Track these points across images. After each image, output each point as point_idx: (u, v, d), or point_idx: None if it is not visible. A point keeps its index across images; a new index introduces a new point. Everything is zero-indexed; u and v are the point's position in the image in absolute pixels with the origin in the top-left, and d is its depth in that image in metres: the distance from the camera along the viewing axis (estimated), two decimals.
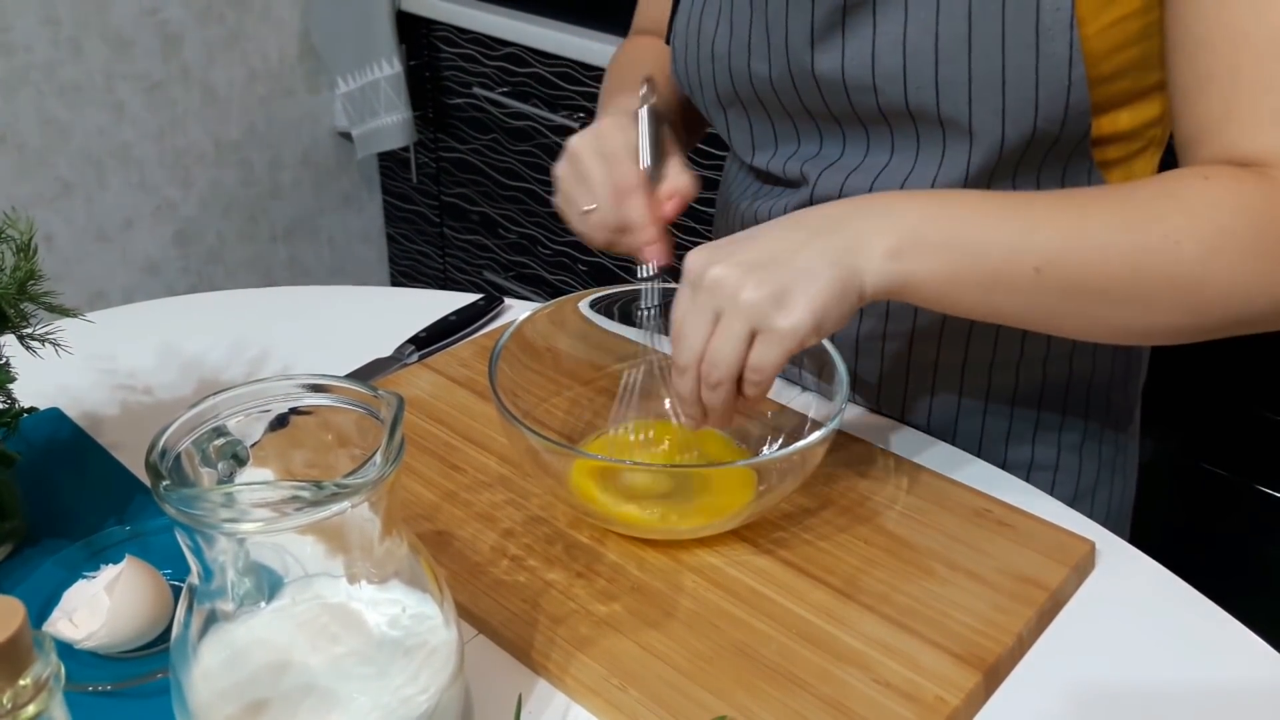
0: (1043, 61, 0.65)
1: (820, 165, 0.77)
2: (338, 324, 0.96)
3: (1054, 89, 0.66)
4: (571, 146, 0.74)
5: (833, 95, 0.73)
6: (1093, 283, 0.60)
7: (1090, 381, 0.82)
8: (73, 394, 0.83)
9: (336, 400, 0.51)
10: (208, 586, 0.47)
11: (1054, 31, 0.65)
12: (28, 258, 0.63)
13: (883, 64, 0.69)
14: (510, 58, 1.87)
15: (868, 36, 0.69)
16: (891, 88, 0.69)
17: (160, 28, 1.93)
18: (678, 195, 0.73)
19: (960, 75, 0.67)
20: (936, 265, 0.60)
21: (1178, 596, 0.66)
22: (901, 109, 0.70)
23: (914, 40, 0.67)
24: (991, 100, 0.67)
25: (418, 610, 0.51)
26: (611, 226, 0.73)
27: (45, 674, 0.38)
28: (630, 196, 0.71)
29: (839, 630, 0.61)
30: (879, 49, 0.69)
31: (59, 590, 0.60)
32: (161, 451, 0.46)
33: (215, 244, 2.15)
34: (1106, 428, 0.84)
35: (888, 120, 0.72)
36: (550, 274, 2.02)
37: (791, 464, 0.65)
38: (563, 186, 0.75)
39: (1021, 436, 0.83)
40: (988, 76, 0.66)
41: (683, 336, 0.62)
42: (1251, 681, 0.60)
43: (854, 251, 0.60)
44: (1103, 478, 0.86)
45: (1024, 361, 0.80)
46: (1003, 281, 0.60)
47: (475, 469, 0.74)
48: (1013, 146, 0.69)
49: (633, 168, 0.72)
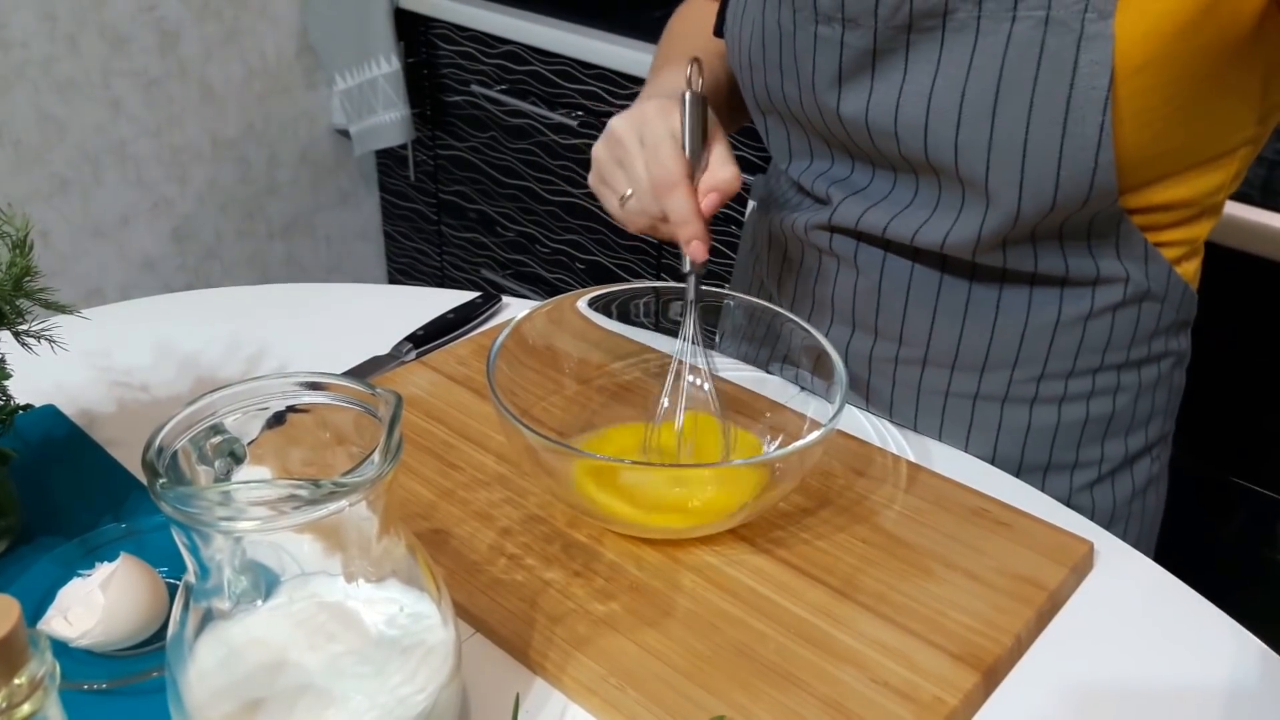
0: (1068, 141, 0.64)
1: (846, 190, 0.77)
2: (335, 321, 0.95)
3: (1078, 170, 0.65)
4: (613, 129, 0.72)
5: (856, 134, 0.72)
6: None
7: (1108, 425, 0.80)
8: (69, 391, 0.83)
9: (334, 398, 0.51)
10: (204, 585, 0.47)
11: (1085, 112, 0.63)
12: (23, 254, 0.63)
13: (905, 115, 0.68)
14: (509, 55, 1.87)
15: (896, 83, 0.68)
16: (912, 139, 0.68)
17: (158, 24, 1.92)
18: (717, 191, 0.69)
19: (980, 140, 0.65)
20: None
21: (1176, 596, 0.66)
22: (921, 160, 0.69)
23: (940, 96, 0.66)
24: (1009, 171, 0.66)
25: (415, 609, 0.51)
26: (652, 215, 0.71)
27: (40, 672, 0.38)
28: (674, 191, 0.68)
29: (837, 630, 0.61)
30: (904, 99, 0.68)
31: (54, 588, 0.60)
32: (158, 449, 0.46)
33: (212, 241, 2.14)
34: (1121, 471, 0.82)
35: (912, 166, 0.71)
36: (548, 272, 2.02)
37: (790, 463, 0.65)
38: (601, 169, 0.73)
39: (1031, 474, 0.81)
40: (1008, 146, 0.65)
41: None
42: (1250, 681, 0.60)
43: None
44: (1116, 519, 0.83)
45: (1038, 401, 0.79)
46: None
47: (473, 467, 0.74)
48: (1029, 216, 0.68)
49: (676, 159, 0.68)
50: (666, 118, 0.70)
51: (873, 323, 0.80)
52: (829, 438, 0.65)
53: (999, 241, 0.71)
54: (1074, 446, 0.80)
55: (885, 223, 0.74)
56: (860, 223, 0.76)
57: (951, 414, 0.81)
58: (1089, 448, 0.81)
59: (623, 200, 0.71)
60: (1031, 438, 0.80)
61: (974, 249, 0.72)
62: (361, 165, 2.32)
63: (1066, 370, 0.78)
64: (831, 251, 0.80)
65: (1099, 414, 0.79)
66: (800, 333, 0.73)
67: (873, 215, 0.75)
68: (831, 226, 0.79)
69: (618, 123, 0.72)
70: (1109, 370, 0.78)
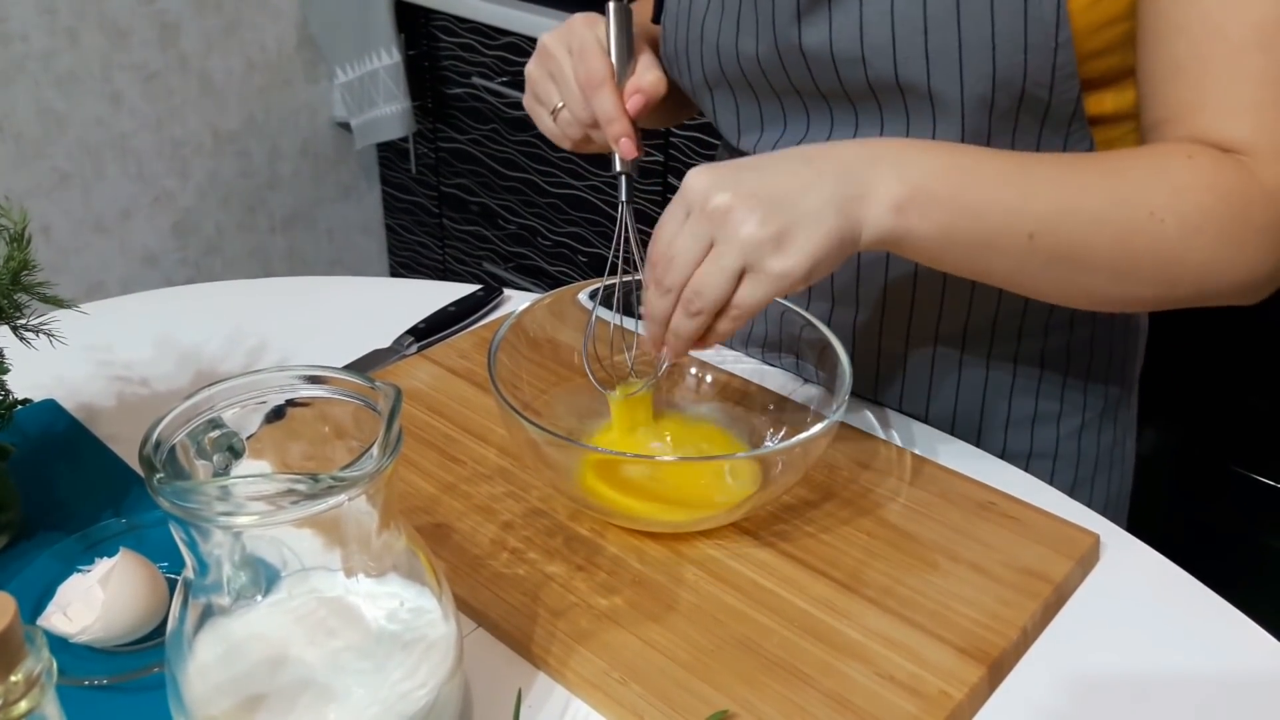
0: (1030, 25, 0.65)
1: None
2: (336, 315, 0.95)
3: (1042, 51, 0.65)
4: (543, 43, 0.74)
5: (820, 70, 0.72)
6: (1080, 252, 0.61)
7: (1088, 367, 0.82)
8: (69, 385, 0.83)
9: (334, 392, 0.51)
10: (203, 580, 0.47)
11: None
12: (21, 248, 0.63)
13: (871, 36, 0.68)
14: (509, 47, 1.86)
15: (854, 9, 0.69)
16: (880, 60, 0.69)
17: (158, 17, 1.92)
18: (641, 92, 0.71)
19: (950, 43, 0.66)
20: (936, 222, 0.60)
21: (1182, 589, 0.66)
22: (890, 82, 0.69)
23: (901, 10, 0.67)
24: (982, 66, 0.66)
25: (416, 604, 0.51)
26: (582, 122, 0.72)
27: (37, 670, 0.37)
28: (599, 90, 0.70)
29: (841, 623, 0.60)
30: (867, 21, 0.68)
31: (54, 584, 0.60)
32: (156, 444, 0.46)
33: (213, 235, 2.14)
34: (1105, 415, 0.84)
35: (876, 95, 0.71)
36: (550, 265, 2.02)
37: (793, 456, 0.64)
38: (533, 86, 0.75)
39: (1020, 424, 0.82)
40: (978, 43, 0.66)
41: (671, 259, 0.60)
42: (1255, 673, 0.60)
43: (861, 201, 0.59)
44: (1101, 465, 0.85)
45: (1022, 341, 0.80)
46: (996, 244, 0.61)
47: (474, 461, 0.74)
48: (1003, 112, 0.68)
49: (602, 60, 0.71)
50: (593, 27, 0.72)
51: (854, 294, 0.80)
52: (832, 430, 0.64)
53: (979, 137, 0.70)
54: (1058, 393, 0.81)
55: None
56: None
57: (940, 372, 0.81)
58: (1072, 393, 0.82)
59: (555, 113, 0.73)
60: (1018, 388, 0.81)
61: None
62: (362, 158, 2.32)
63: (1046, 314, 0.79)
64: None
65: (1080, 354, 0.81)
66: (800, 322, 0.73)
67: None
68: None
69: (547, 37, 0.74)
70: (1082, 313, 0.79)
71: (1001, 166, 0.61)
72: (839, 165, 0.60)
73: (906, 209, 0.59)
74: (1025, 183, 0.61)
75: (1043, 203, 0.60)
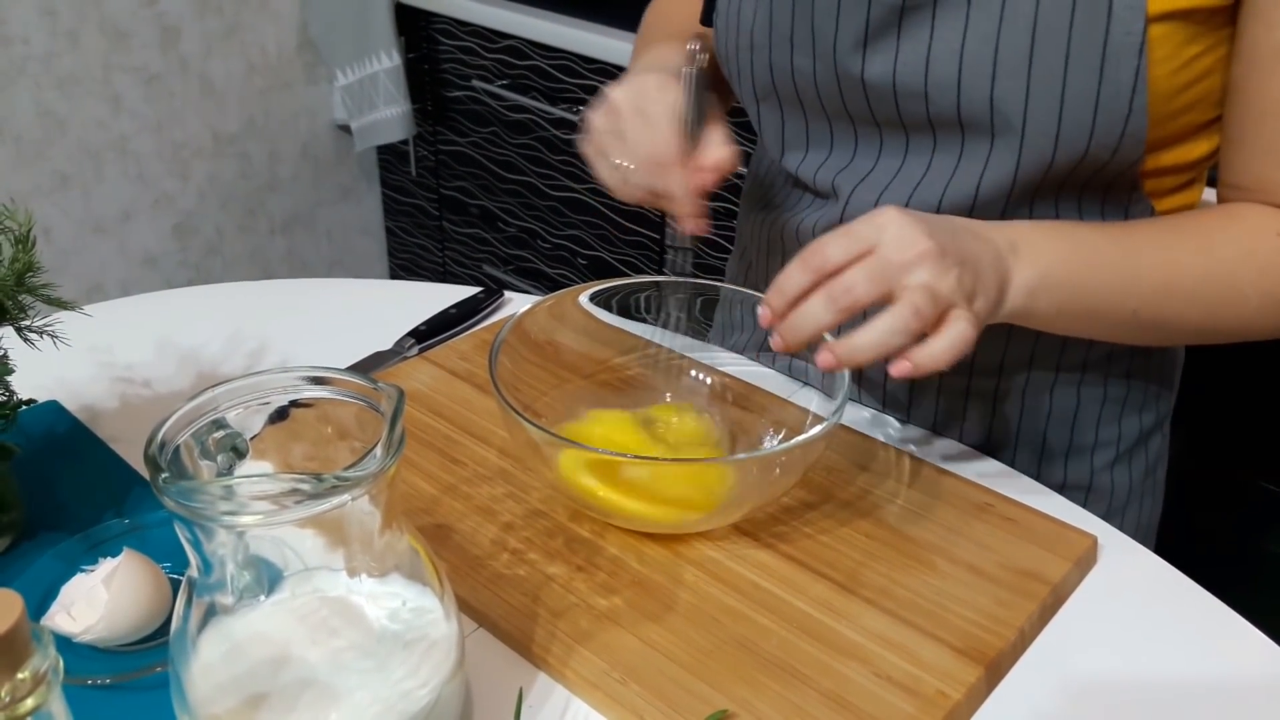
0: (1105, 87, 0.64)
1: (852, 179, 0.75)
2: (337, 317, 0.95)
3: (1113, 115, 0.65)
4: (612, 99, 0.71)
5: (879, 100, 0.71)
6: (1175, 323, 0.68)
7: (1125, 399, 0.81)
8: (71, 387, 0.83)
9: (336, 393, 0.51)
10: (207, 579, 0.47)
11: (1121, 57, 0.63)
12: (26, 249, 0.63)
13: (937, 73, 0.67)
14: (510, 50, 1.87)
15: (924, 41, 0.67)
16: (944, 97, 0.68)
17: (158, 19, 1.92)
18: (714, 170, 0.69)
19: (1017, 92, 0.65)
20: (1055, 301, 0.65)
21: (1179, 591, 0.66)
22: (952, 118, 0.69)
23: (972, 50, 0.66)
24: (1046, 121, 0.65)
25: (418, 604, 0.51)
26: (646, 189, 0.71)
27: (44, 667, 0.38)
28: (670, 169, 0.69)
29: (840, 624, 0.61)
30: (934, 56, 0.67)
31: (57, 583, 0.60)
32: (160, 444, 0.46)
33: (213, 237, 2.14)
34: (1138, 446, 0.83)
35: (933, 129, 0.70)
36: (550, 267, 2.02)
37: (792, 458, 0.65)
38: (597, 138, 0.73)
39: (1053, 458, 0.82)
40: (1046, 96, 0.65)
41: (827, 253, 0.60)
42: (1253, 676, 0.60)
43: (1008, 282, 0.64)
44: (1134, 495, 0.85)
45: (1057, 385, 0.79)
46: (1104, 318, 0.67)
47: (475, 462, 0.74)
48: (1060, 168, 0.68)
49: (673, 137, 0.68)
50: (666, 93, 0.70)
51: None
52: (831, 432, 0.65)
53: (1027, 196, 0.71)
54: (1093, 426, 0.81)
55: (905, 201, 0.72)
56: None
57: (974, 407, 0.81)
58: (1107, 427, 0.82)
59: (617, 167, 0.71)
60: (1052, 422, 0.81)
61: (1004, 206, 0.71)
62: (362, 161, 2.32)
63: (1084, 351, 0.78)
64: None
65: (1115, 393, 0.81)
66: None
67: (891, 197, 0.73)
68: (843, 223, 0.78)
69: (617, 93, 0.72)
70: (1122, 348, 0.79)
71: (1110, 249, 0.66)
72: (991, 246, 0.64)
73: (1036, 293, 0.64)
74: (1133, 267, 0.66)
75: (1146, 285, 0.66)
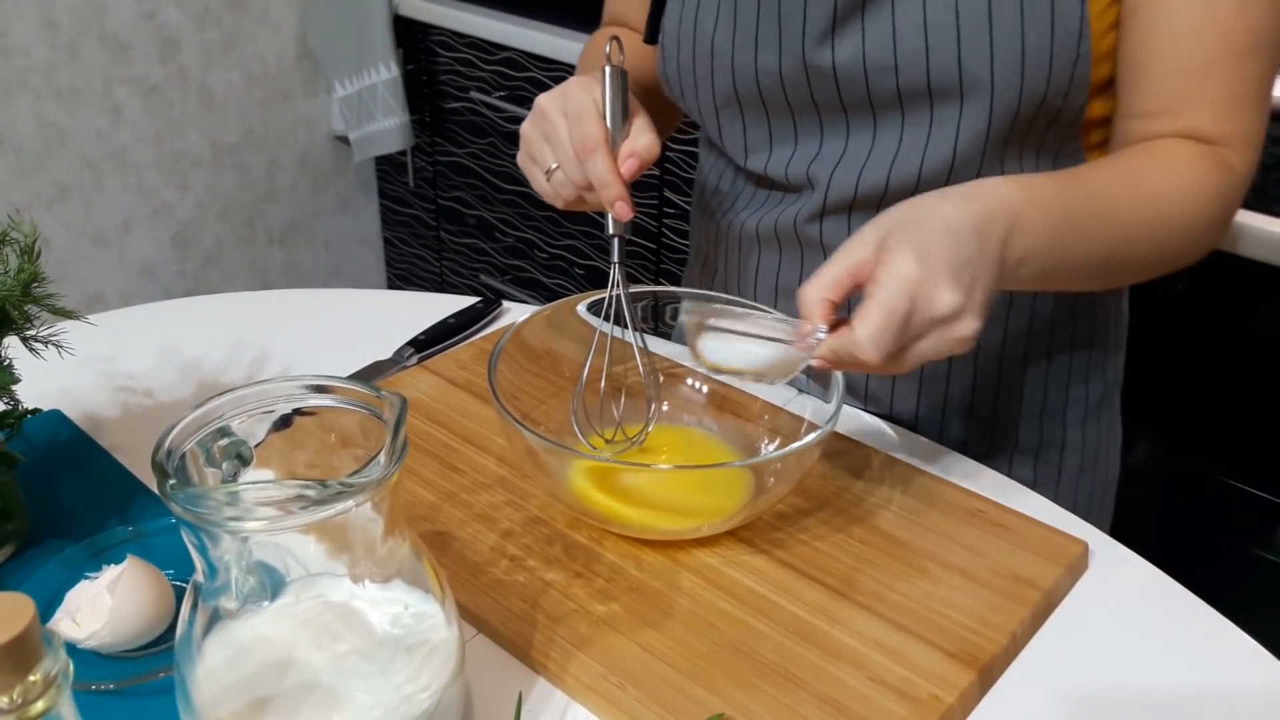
0: (1057, 35, 0.69)
1: (827, 166, 0.78)
2: (337, 327, 0.96)
3: (1064, 60, 0.70)
4: (538, 105, 0.75)
5: (848, 84, 0.74)
6: (1136, 264, 0.71)
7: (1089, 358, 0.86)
8: (73, 396, 0.83)
9: (339, 401, 0.52)
10: (212, 584, 0.48)
11: (1068, 5, 0.69)
12: (31, 260, 0.64)
13: (905, 44, 0.71)
14: (507, 62, 1.88)
15: (887, 20, 0.72)
16: (914, 68, 0.72)
17: (158, 31, 1.93)
18: (636, 156, 0.72)
19: (982, 52, 0.70)
20: (1038, 270, 0.65)
21: (1170, 597, 0.67)
22: (921, 89, 0.72)
23: (935, 20, 0.70)
24: (1011, 75, 0.70)
25: (420, 609, 0.52)
26: (576, 184, 0.73)
27: (54, 670, 0.38)
28: (594, 154, 0.71)
29: (835, 629, 0.61)
30: (900, 30, 0.71)
31: (61, 590, 0.61)
32: (167, 451, 0.47)
33: (212, 247, 2.15)
34: (1102, 405, 0.88)
35: (901, 104, 0.74)
36: (547, 278, 2.03)
37: (788, 465, 0.65)
38: (529, 145, 0.76)
39: (1031, 418, 0.86)
40: (1009, 52, 0.70)
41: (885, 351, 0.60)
42: (1244, 682, 0.61)
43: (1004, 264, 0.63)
44: (1101, 453, 0.90)
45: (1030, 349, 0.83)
46: (1079, 273, 0.69)
47: (474, 470, 0.75)
48: (1023, 119, 0.72)
49: (597, 125, 0.71)
50: (589, 90, 0.73)
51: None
52: (826, 440, 0.66)
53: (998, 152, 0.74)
54: (1064, 386, 0.86)
55: (884, 180, 0.76)
56: (858, 192, 0.77)
57: (956, 380, 0.84)
58: (1076, 387, 0.86)
59: (549, 174, 0.74)
60: (1028, 386, 0.85)
61: (980, 165, 0.75)
62: (361, 171, 2.33)
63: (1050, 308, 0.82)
64: (820, 242, 0.81)
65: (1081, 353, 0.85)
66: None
67: (869, 177, 0.77)
68: (826, 210, 0.80)
69: (543, 99, 0.75)
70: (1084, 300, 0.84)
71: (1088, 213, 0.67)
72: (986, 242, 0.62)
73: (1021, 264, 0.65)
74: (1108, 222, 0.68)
75: (1120, 238, 0.69)
